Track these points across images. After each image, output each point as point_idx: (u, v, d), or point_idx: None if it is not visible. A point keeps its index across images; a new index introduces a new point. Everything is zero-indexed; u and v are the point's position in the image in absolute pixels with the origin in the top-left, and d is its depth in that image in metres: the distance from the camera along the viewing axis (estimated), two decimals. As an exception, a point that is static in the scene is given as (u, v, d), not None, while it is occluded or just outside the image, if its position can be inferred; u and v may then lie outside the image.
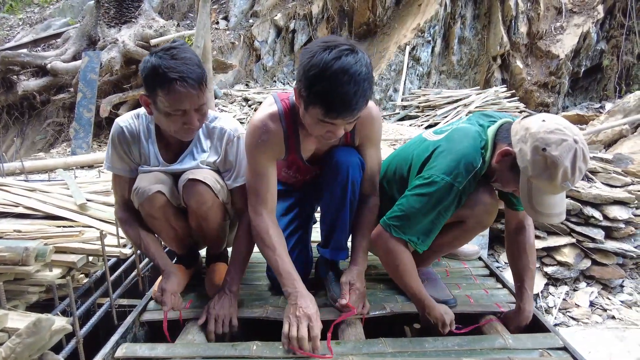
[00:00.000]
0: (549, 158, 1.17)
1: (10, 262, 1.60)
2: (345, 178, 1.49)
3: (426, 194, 1.33)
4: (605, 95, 9.86)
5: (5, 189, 2.78)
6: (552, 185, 1.21)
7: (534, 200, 1.25)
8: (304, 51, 1.22)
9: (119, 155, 1.56)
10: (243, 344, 1.36)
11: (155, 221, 1.57)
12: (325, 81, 1.15)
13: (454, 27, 9.57)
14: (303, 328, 1.30)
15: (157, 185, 1.47)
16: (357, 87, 1.15)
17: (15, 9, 9.74)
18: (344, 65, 1.14)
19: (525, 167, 1.23)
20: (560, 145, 1.17)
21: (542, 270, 3.06)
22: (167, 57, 1.31)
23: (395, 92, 9.15)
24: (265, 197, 1.48)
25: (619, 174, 3.32)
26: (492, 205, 1.44)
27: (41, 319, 1.16)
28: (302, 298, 1.36)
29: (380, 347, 1.35)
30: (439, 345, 1.37)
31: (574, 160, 1.17)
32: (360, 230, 1.58)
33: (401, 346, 1.36)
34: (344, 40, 1.20)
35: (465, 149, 1.33)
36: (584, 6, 9.64)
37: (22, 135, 7.54)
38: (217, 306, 1.49)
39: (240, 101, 7.94)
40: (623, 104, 5.30)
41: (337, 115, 1.20)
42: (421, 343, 1.38)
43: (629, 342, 2.53)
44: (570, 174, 1.18)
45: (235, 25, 9.60)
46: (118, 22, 7.29)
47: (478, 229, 1.51)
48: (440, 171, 1.32)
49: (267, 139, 1.42)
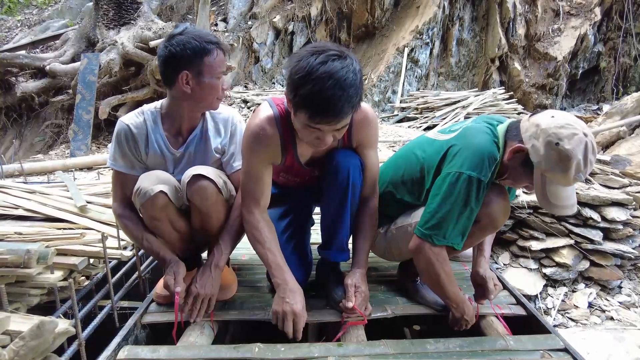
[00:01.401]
0: (562, 152, 1.22)
1: (12, 264, 1.60)
2: (346, 180, 1.49)
3: (455, 193, 1.34)
4: (602, 97, 9.91)
5: (4, 191, 2.78)
6: (565, 178, 1.26)
7: (548, 193, 1.30)
8: (292, 56, 1.24)
9: (123, 152, 1.58)
10: (245, 346, 1.37)
11: (157, 223, 1.57)
12: (310, 84, 1.16)
13: (452, 29, 9.60)
14: (288, 324, 1.38)
15: (159, 185, 1.48)
16: (342, 92, 1.15)
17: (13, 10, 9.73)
18: (330, 69, 1.14)
19: (539, 162, 1.27)
20: (572, 139, 1.22)
21: (540, 272, 3.07)
22: (190, 33, 1.47)
23: (394, 93, 9.17)
24: (258, 198, 1.50)
25: (617, 176, 3.33)
26: (505, 205, 1.46)
27: (44, 322, 1.17)
28: (290, 292, 1.42)
29: (382, 349, 1.36)
30: (441, 347, 1.38)
31: (585, 153, 1.23)
32: (362, 233, 1.58)
33: (403, 348, 1.37)
34: (334, 47, 1.20)
35: (484, 143, 1.36)
36: (581, 8, 9.70)
37: (20, 137, 7.53)
38: (199, 284, 1.51)
39: (239, 103, 7.95)
40: (620, 105, 5.32)
41: (321, 119, 1.20)
42: (423, 345, 1.39)
43: (628, 343, 2.54)
44: (583, 166, 1.23)
45: (234, 27, 9.61)
46: (117, 24, 7.29)
47: (489, 229, 1.51)
48: (464, 167, 1.33)
49: (263, 142, 1.43)
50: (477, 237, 1.56)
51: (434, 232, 1.38)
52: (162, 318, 1.54)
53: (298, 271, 1.67)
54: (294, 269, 1.66)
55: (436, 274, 1.43)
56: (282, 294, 1.42)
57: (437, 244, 1.39)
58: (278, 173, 1.71)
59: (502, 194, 1.45)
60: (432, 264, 1.41)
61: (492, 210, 1.43)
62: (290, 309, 1.38)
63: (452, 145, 1.41)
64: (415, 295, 1.67)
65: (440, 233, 1.38)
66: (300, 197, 1.80)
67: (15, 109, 7.52)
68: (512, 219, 3.18)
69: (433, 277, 1.45)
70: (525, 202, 3.09)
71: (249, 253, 2.19)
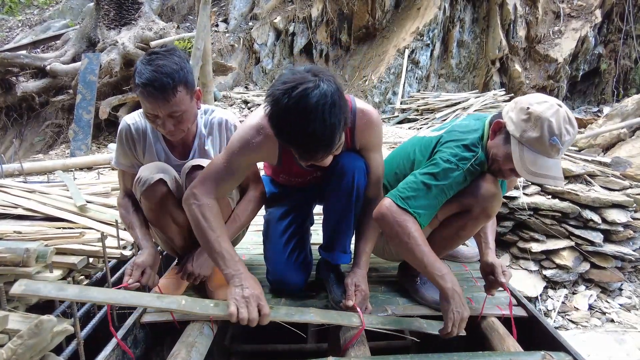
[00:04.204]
0: (532, 113, 1.28)
1: (11, 263, 1.60)
2: (351, 183, 1.48)
3: (431, 173, 1.38)
4: (603, 99, 9.92)
5: (4, 190, 2.77)
6: (540, 142, 1.28)
7: (525, 160, 1.31)
8: (267, 93, 1.20)
9: (124, 151, 1.61)
10: (171, 297, 1.35)
11: (156, 213, 1.57)
12: (290, 129, 1.14)
13: (452, 31, 9.62)
14: (253, 309, 1.26)
15: (158, 174, 1.49)
16: (323, 126, 1.12)
17: (14, 10, 9.74)
18: (305, 108, 1.10)
19: (514, 130, 1.32)
20: (542, 104, 1.29)
21: (541, 274, 3.07)
22: (145, 62, 1.38)
23: (394, 95, 9.18)
24: (223, 189, 1.46)
25: (618, 178, 3.33)
26: (495, 192, 1.44)
27: (43, 321, 1.16)
28: (246, 280, 1.32)
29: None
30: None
31: (558, 117, 1.26)
32: (364, 234, 1.57)
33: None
34: (305, 74, 1.15)
35: (466, 135, 1.43)
36: (581, 11, 9.71)
37: (20, 136, 7.53)
38: (195, 264, 1.55)
39: (239, 103, 7.95)
40: (621, 107, 5.33)
41: (310, 157, 1.21)
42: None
43: (628, 346, 2.53)
44: (556, 129, 1.26)
45: (235, 28, 9.62)
46: (118, 24, 7.30)
47: (482, 219, 1.49)
48: (446, 155, 1.40)
49: (260, 141, 1.40)
50: (471, 228, 1.53)
51: (402, 195, 1.39)
52: (161, 318, 1.53)
53: (298, 272, 1.67)
54: (294, 270, 1.66)
55: (404, 238, 1.36)
56: (238, 283, 1.32)
57: (400, 206, 1.37)
58: (278, 174, 1.70)
59: (492, 181, 1.44)
60: (397, 225, 1.36)
61: (483, 197, 1.43)
62: (251, 293, 1.28)
63: (440, 139, 1.48)
64: (415, 296, 1.67)
65: (406, 199, 1.38)
66: (301, 197, 1.79)
67: (15, 109, 7.53)
68: (513, 221, 3.17)
69: (401, 240, 1.37)
70: (526, 204, 3.09)
71: (249, 253, 2.19)
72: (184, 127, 1.48)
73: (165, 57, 1.37)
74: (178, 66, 1.38)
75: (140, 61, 1.39)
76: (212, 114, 1.65)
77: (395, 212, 1.38)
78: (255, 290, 1.31)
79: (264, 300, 1.32)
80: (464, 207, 1.48)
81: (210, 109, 1.67)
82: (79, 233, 2.01)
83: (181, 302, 1.33)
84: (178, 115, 1.43)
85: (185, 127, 1.48)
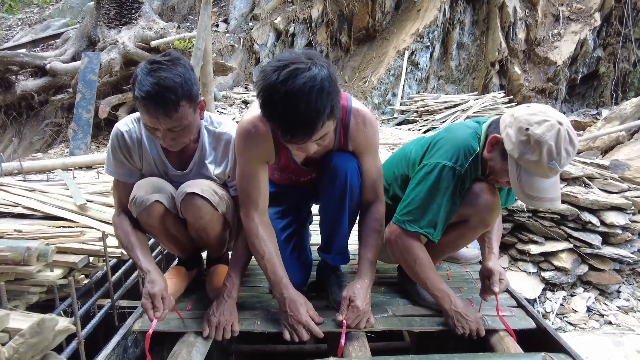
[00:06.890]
0: (532, 136, 1.21)
1: (12, 261, 1.59)
2: (344, 182, 1.46)
3: (430, 181, 1.36)
4: (601, 102, 9.95)
5: (4, 188, 2.77)
6: (538, 166, 1.22)
7: (523, 184, 1.27)
8: (260, 71, 1.20)
9: (119, 160, 1.53)
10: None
11: (155, 230, 1.55)
12: (273, 106, 1.13)
13: (452, 33, 9.64)
14: (302, 333, 1.39)
15: (155, 194, 1.44)
16: (307, 108, 1.10)
17: (14, 9, 9.72)
18: (292, 88, 1.09)
19: (512, 150, 1.26)
20: (542, 125, 1.21)
21: (539, 276, 3.08)
22: (146, 71, 1.28)
23: (394, 96, 9.19)
24: (256, 198, 1.46)
25: (616, 180, 3.34)
26: (493, 202, 1.43)
27: (45, 319, 1.16)
28: (291, 303, 1.42)
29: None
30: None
31: (558, 140, 1.20)
32: (365, 240, 1.52)
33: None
34: (300, 56, 1.14)
35: (462, 135, 1.40)
36: (581, 14, 9.74)
37: (19, 135, 7.51)
38: (217, 313, 1.46)
39: (239, 104, 7.96)
40: (619, 110, 5.35)
41: (291, 137, 1.17)
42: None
43: (626, 348, 2.54)
44: (556, 153, 1.20)
45: (235, 28, 9.63)
46: (118, 23, 7.29)
47: (480, 228, 1.49)
48: (440, 158, 1.37)
49: (255, 139, 1.41)
50: (469, 237, 1.55)
51: (407, 218, 1.40)
52: (156, 327, 1.48)
53: (298, 272, 1.67)
54: (294, 269, 1.64)
55: (412, 262, 1.44)
56: (284, 308, 1.41)
57: (409, 230, 1.40)
58: (274, 172, 1.68)
59: (489, 190, 1.42)
60: (405, 251, 1.42)
61: (480, 207, 1.42)
62: (297, 320, 1.39)
63: (435, 139, 1.46)
64: (415, 297, 1.67)
65: (413, 220, 1.39)
66: (300, 196, 1.78)
67: (15, 108, 7.51)
68: (511, 223, 3.18)
69: (409, 264, 1.45)
70: (525, 206, 3.10)
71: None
72: (185, 140, 1.41)
73: (168, 69, 1.28)
74: (182, 78, 1.29)
75: (141, 69, 1.29)
76: (220, 127, 1.54)
77: (402, 238, 1.42)
78: (299, 317, 1.41)
79: (308, 322, 1.42)
80: (462, 217, 1.48)
81: (217, 120, 1.56)
82: (80, 232, 2.01)
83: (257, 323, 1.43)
84: (179, 130, 1.35)
85: (186, 139, 1.41)
